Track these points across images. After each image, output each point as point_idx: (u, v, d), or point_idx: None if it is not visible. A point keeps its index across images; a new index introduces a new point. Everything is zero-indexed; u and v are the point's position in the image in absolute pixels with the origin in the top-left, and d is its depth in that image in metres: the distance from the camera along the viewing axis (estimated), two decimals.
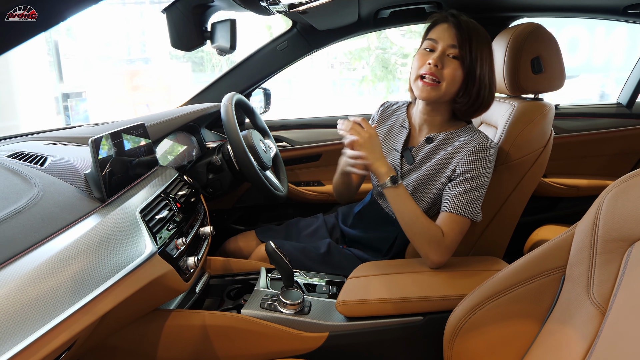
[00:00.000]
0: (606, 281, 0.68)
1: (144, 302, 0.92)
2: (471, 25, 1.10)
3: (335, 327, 1.00)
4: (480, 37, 1.10)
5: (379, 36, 6.66)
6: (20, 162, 0.94)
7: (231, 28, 1.19)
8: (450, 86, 1.10)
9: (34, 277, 0.63)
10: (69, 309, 0.65)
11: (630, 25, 1.92)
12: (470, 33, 1.08)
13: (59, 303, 0.64)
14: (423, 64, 1.11)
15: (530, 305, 0.79)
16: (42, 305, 0.62)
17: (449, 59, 1.09)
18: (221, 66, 8.25)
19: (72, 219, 0.80)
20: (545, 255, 0.79)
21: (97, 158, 0.89)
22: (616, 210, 0.68)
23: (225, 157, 1.44)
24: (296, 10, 1.06)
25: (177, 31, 1.19)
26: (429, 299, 1.00)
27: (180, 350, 0.99)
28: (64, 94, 5.57)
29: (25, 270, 0.63)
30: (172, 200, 1.07)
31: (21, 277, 0.62)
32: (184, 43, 1.22)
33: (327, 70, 7.73)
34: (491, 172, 1.14)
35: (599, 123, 2.02)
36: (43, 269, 0.65)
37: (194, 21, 1.19)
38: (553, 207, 2.03)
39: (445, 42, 1.09)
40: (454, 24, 1.09)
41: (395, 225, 1.25)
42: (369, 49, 6.63)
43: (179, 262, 0.95)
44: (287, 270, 1.06)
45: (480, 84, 1.11)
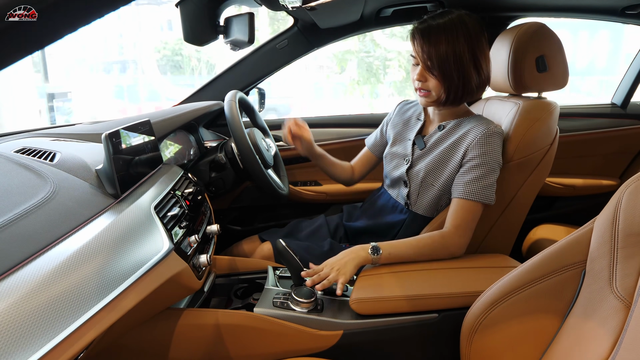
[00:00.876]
0: (630, 274, 0.68)
1: (159, 300, 0.90)
2: (437, 28, 1.13)
3: (350, 325, 0.99)
4: (449, 34, 1.12)
5: (362, 39, 6.70)
6: (29, 157, 0.91)
7: (250, 21, 1.18)
8: (439, 91, 1.17)
9: (60, 273, 0.62)
10: (96, 305, 0.64)
11: (613, 28, 1.97)
12: (435, 39, 1.12)
13: (86, 299, 0.63)
14: (413, 78, 1.20)
15: (551, 301, 0.80)
16: (70, 300, 0.61)
17: (428, 72, 1.16)
18: (200, 69, 8.18)
19: (89, 215, 0.79)
20: (563, 251, 0.80)
21: (110, 154, 0.88)
22: (637, 205, 0.69)
23: (228, 155, 1.43)
24: (308, 5, 1.07)
25: (191, 25, 1.18)
26: (444, 296, 1.00)
27: (193, 350, 0.98)
28: (50, 94, 5.45)
29: (50, 266, 0.62)
30: (181, 198, 1.06)
31: (47, 273, 0.60)
32: (198, 37, 1.21)
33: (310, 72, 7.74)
34: (500, 158, 1.17)
35: (593, 123, 2.04)
36: (67, 264, 0.64)
37: (208, 15, 1.18)
38: (550, 207, 2.05)
39: (420, 58, 1.16)
40: (418, 38, 1.15)
41: (403, 213, 1.30)
42: (352, 51, 6.67)
43: (192, 259, 0.95)
44: (298, 268, 1.06)
45: (455, 77, 1.14)
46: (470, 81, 1.16)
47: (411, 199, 1.28)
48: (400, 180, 1.31)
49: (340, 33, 1.80)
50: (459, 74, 1.14)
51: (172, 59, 8.42)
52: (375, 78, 6.85)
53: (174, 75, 8.54)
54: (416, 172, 1.26)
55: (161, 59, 8.42)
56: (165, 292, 0.86)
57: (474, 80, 1.17)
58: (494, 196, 1.15)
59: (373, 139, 1.48)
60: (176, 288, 0.90)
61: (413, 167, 1.27)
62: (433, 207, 1.25)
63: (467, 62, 1.14)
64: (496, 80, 1.35)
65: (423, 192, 1.25)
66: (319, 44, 1.81)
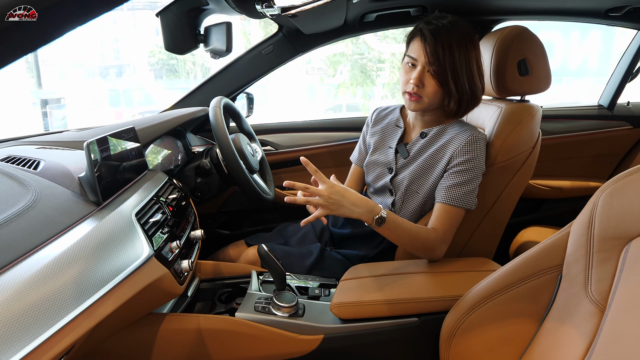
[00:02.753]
0: (604, 279, 0.69)
1: (140, 305, 0.92)
2: (447, 32, 1.10)
3: (330, 330, 1.00)
4: (459, 41, 1.10)
5: (356, 42, 6.73)
6: (13, 165, 0.93)
7: (227, 31, 1.20)
8: (432, 99, 1.15)
9: (37, 280, 0.63)
10: (73, 312, 0.65)
11: (605, 29, 1.98)
12: (447, 43, 1.09)
13: (63, 305, 0.64)
14: (407, 80, 1.16)
15: (528, 305, 0.80)
16: (47, 307, 0.62)
17: (429, 76, 1.13)
18: (195, 73, 8.19)
19: (70, 222, 0.80)
20: (541, 255, 0.80)
21: (91, 162, 0.89)
22: (612, 209, 0.70)
23: (214, 160, 1.44)
24: (288, 13, 1.08)
25: (171, 34, 1.20)
26: (424, 300, 1.01)
27: (175, 354, 0.99)
28: (43, 100, 5.47)
29: (28, 274, 0.63)
30: (164, 204, 1.08)
31: (24, 280, 0.62)
32: (178, 46, 1.23)
33: (303, 75, 7.76)
34: (483, 163, 1.17)
35: (580, 125, 2.05)
36: (45, 271, 0.65)
37: (188, 24, 1.20)
38: (537, 209, 2.05)
39: (422, 59, 1.12)
40: (429, 39, 1.10)
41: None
42: (345, 54, 6.69)
43: (174, 265, 0.96)
44: (280, 273, 1.06)
45: (462, 88, 1.13)
46: (478, 90, 1.16)
47: (396, 207, 1.28)
48: (385, 189, 1.30)
49: (324, 38, 1.82)
50: (469, 82, 1.13)
51: (167, 63, 8.41)
52: (370, 80, 6.87)
53: (170, 79, 8.54)
54: (400, 180, 1.25)
55: (157, 63, 8.43)
56: (146, 297, 0.88)
57: (479, 89, 1.17)
58: (474, 202, 1.16)
59: (357, 154, 1.46)
60: (157, 293, 0.92)
61: (397, 176, 1.27)
62: (417, 213, 1.25)
63: (474, 71, 1.14)
64: None
65: (408, 200, 1.25)
66: (304, 49, 1.82)
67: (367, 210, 1.01)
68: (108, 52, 8.57)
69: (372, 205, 1.03)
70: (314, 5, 1.05)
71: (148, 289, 0.85)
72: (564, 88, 6.77)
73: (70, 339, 0.64)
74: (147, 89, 8.18)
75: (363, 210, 1.01)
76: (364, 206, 1.01)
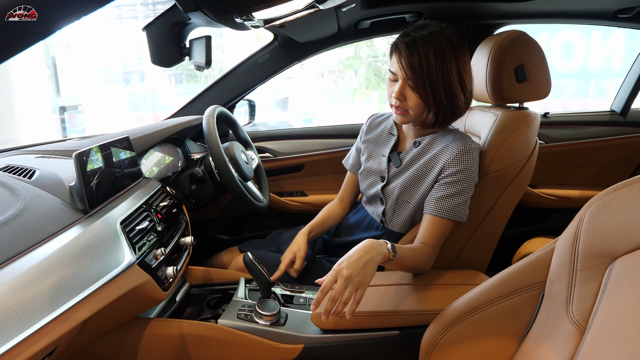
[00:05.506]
0: (586, 299, 0.66)
1: (123, 310, 0.95)
2: (424, 42, 1.08)
3: (310, 340, 1.01)
4: (436, 51, 1.07)
5: (370, 44, 6.72)
6: (9, 175, 0.97)
7: (206, 44, 1.23)
8: (416, 112, 1.14)
9: (15, 286, 0.67)
10: (47, 317, 0.69)
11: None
12: (424, 54, 1.07)
13: (38, 311, 0.68)
14: (390, 94, 1.15)
15: (509, 322, 0.78)
16: (22, 313, 0.66)
17: (409, 89, 1.12)
18: (214, 77, 8.32)
19: (55, 230, 0.84)
20: (524, 271, 0.78)
21: (80, 171, 0.93)
22: (597, 225, 0.67)
23: (207, 168, 1.48)
24: (273, 24, 1.10)
25: (157, 48, 1.24)
26: (405, 313, 1.00)
27: (159, 358, 1.02)
28: (61, 107, 5.65)
29: (7, 280, 0.67)
30: (153, 211, 1.11)
31: (2, 286, 0.65)
32: (164, 59, 1.27)
33: (318, 79, 7.79)
34: (476, 175, 1.15)
35: (591, 131, 1.96)
36: (24, 278, 0.69)
37: (173, 38, 1.23)
38: (544, 219, 1.98)
39: (401, 74, 1.11)
40: (404, 52, 1.09)
41: (379, 230, 1.29)
42: (360, 57, 6.68)
43: (157, 272, 0.99)
44: (264, 281, 1.08)
45: (439, 99, 1.11)
46: (458, 102, 1.14)
47: (386, 217, 1.27)
48: (376, 197, 1.30)
49: (320, 46, 1.83)
50: (447, 94, 1.10)
51: (187, 68, 8.56)
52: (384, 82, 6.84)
53: (189, 83, 8.67)
54: (391, 190, 1.25)
55: (176, 68, 8.59)
56: (128, 302, 0.91)
57: (461, 101, 1.14)
58: (465, 213, 1.15)
59: (351, 159, 1.46)
60: (140, 299, 0.95)
61: (389, 185, 1.26)
62: (408, 223, 1.24)
63: (455, 82, 1.10)
64: (476, 90, 1.32)
65: (398, 210, 1.25)
66: (300, 57, 1.84)
67: (377, 245, 0.95)
68: (131, 58, 8.77)
69: (373, 241, 0.96)
70: (296, 16, 1.07)
71: (129, 295, 0.88)
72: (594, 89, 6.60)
73: (46, 342, 0.68)
74: (167, 94, 8.34)
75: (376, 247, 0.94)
76: (373, 245, 0.94)
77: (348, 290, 0.88)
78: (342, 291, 0.88)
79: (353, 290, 0.88)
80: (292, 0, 0.94)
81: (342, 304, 0.88)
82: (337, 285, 0.88)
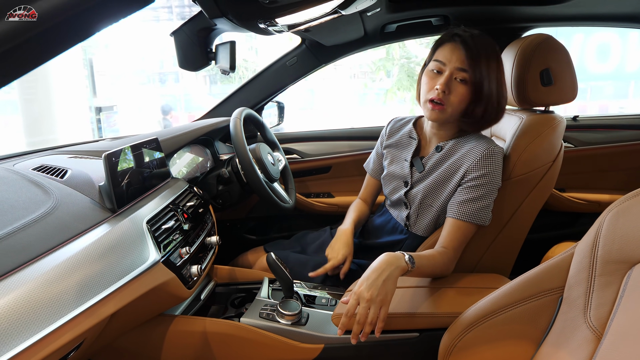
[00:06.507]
0: (604, 304, 0.66)
1: (148, 307, 0.98)
2: (479, 42, 1.09)
3: (331, 340, 1.02)
4: (488, 54, 1.09)
5: (403, 45, 6.67)
6: (43, 174, 1.02)
7: (231, 49, 1.26)
8: (456, 109, 1.13)
9: (44, 281, 0.70)
10: (74, 311, 0.72)
11: None
12: (478, 52, 1.08)
13: (65, 305, 0.71)
14: (431, 87, 1.13)
15: (526, 327, 0.78)
16: (50, 307, 0.69)
17: (456, 83, 1.10)
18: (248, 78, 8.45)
19: (84, 228, 0.88)
20: (543, 275, 0.77)
21: (108, 171, 0.97)
22: (617, 231, 0.66)
23: (234, 169, 1.50)
24: (297, 29, 1.11)
25: (184, 53, 1.28)
26: (425, 316, 1.00)
27: (182, 355, 1.05)
28: (97, 108, 5.88)
29: (36, 275, 0.70)
30: (179, 211, 1.14)
31: (32, 281, 0.69)
32: (191, 64, 1.31)
33: (350, 80, 7.78)
34: (499, 178, 1.14)
35: (623, 135, 1.93)
36: (53, 274, 0.72)
37: (199, 43, 1.27)
38: (573, 223, 1.95)
39: (452, 65, 1.10)
40: (462, 45, 1.08)
41: (403, 233, 1.30)
42: (392, 59, 6.64)
43: (182, 270, 1.02)
44: (287, 281, 1.09)
45: (487, 102, 1.11)
46: (503, 102, 1.15)
47: (410, 220, 1.27)
48: (400, 202, 1.30)
49: (347, 49, 1.85)
50: (497, 92, 1.12)
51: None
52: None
53: (224, 84, 8.84)
54: (415, 194, 1.24)
55: (212, 69, 8.78)
56: (153, 299, 0.94)
57: (505, 102, 1.16)
58: (488, 217, 1.13)
59: (372, 165, 1.46)
60: (164, 296, 0.98)
61: (412, 189, 1.26)
62: (432, 227, 1.24)
63: (503, 82, 1.14)
64: None
65: (422, 214, 1.24)
66: (327, 60, 1.86)
67: (395, 259, 0.95)
68: (167, 59, 9.01)
69: (392, 253, 0.97)
70: (320, 21, 1.07)
71: (154, 292, 0.91)
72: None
73: (71, 335, 0.71)
74: (201, 94, 8.54)
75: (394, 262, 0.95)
76: (390, 259, 0.95)
77: (372, 312, 0.90)
78: (366, 314, 0.90)
79: (377, 310, 0.90)
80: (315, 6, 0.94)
81: (369, 325, 0.90)
82: (360, 308, 0.90)
